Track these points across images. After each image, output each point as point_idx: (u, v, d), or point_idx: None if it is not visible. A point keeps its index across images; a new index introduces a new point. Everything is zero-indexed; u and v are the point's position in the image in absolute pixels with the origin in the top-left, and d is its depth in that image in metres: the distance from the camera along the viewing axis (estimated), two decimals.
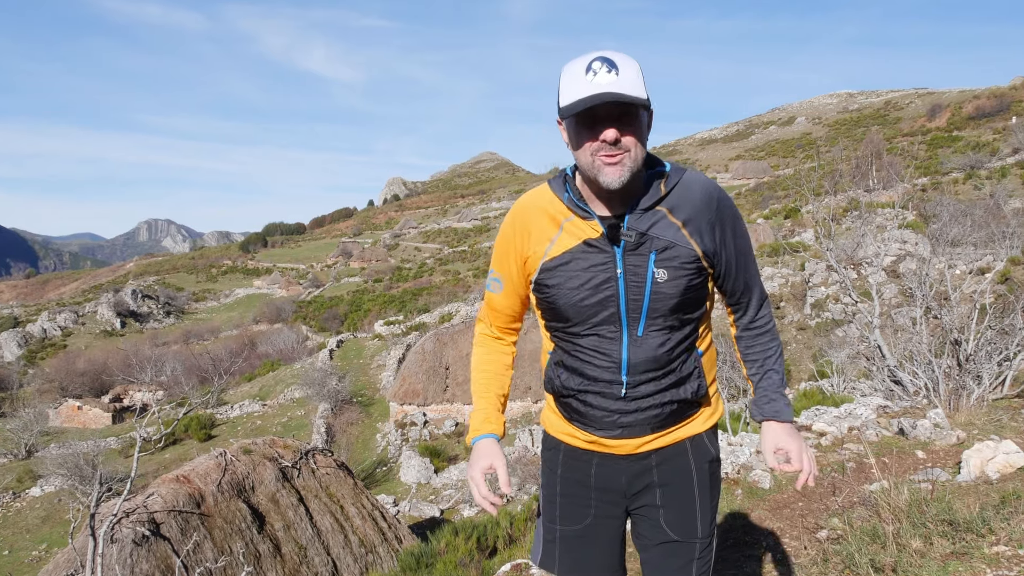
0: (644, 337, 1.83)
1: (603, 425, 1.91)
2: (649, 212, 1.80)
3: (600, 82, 1.65)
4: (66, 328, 62.03)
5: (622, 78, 1.66)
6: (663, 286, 1.79)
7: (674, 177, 1.83)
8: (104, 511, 6.51)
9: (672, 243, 1.79)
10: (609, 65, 1.66)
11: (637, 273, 1.79)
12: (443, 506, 20.01)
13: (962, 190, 38.19)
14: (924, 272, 9.14)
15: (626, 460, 1.95)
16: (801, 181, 31.36)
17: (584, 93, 1.65)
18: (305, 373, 32.44)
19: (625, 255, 1.79)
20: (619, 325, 1.83)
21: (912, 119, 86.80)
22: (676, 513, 1.96)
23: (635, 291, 1.80)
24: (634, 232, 1.78)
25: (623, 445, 1.92)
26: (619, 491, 1.99)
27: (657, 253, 1.78)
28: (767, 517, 4.52)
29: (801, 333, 24.11)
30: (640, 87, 1.68)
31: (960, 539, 3.22)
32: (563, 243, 1.85)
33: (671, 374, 1.87)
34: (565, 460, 2.04)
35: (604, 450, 1.95)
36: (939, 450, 5.54)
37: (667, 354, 1.85)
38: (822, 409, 7.35)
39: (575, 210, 1.83)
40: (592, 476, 2.00)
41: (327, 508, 8.58)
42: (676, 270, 1.79)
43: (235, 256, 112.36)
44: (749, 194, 63.97)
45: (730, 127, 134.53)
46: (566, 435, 2.02)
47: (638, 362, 1.84)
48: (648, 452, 1.93)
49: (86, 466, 21.92)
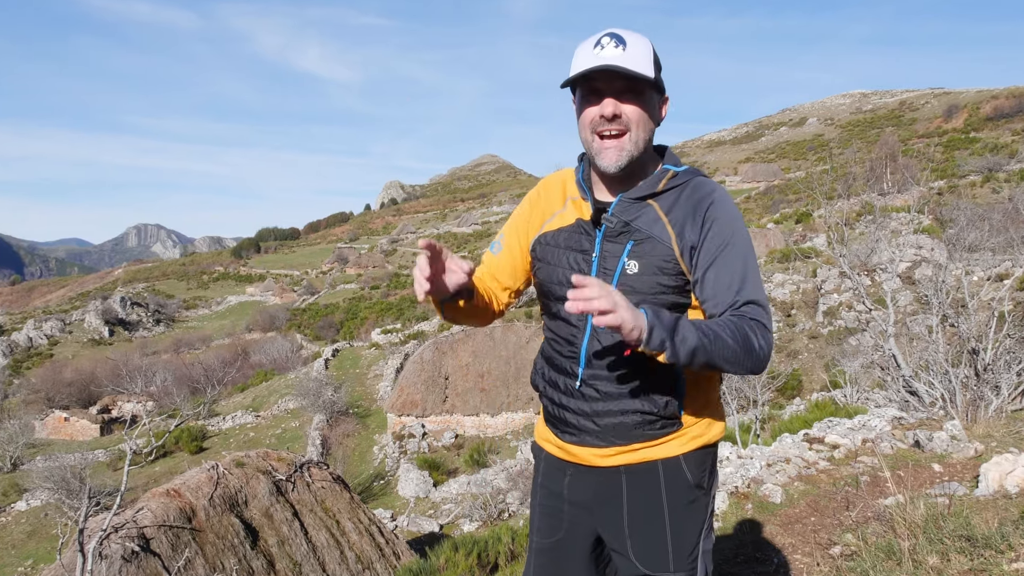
0: (607, 331, 1.76)
1: (566, 427, 1.89)
2: (639, 203, 1.80)
3: (605, 55, 1.69)
4: (53, 337, 62.05)
5: (628, 53, 1.69)
6: (632, 279, 1.76)
7: (682, 177, 1.83)
8: (93, 526, 6.52)
9: (650, 236, 1.77)
10: (617, 40, 1.70)
11: (608, 261, 1.79)
12: (442, 521, 19.98)
13: (980, 193, 38.17)
14: (940, 279, 9.14)
15: (594, 473, 1.90)
16: (813, 184, 31.35)
17: (588, 64, 1.70)
18: (300, 383, 32.45)
19: (604, 241, 1.81)
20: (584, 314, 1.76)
21: (928, 120, 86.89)
22: (644, 543, 1.87)
23: (604, 279, 1.77)
24: (617, 220, 1.79)
25: (587, 455, 1.88)
26: (586, 507, 1.94)
27: (633, 244, 1.77)
28: (778, 532, 4.52)
29: (813, 342, 24.08)
30: (647, 65, 1.71)
31: (978, 555, 3.23)
32: (563, 219, 1.91)
33: (633, 379, 1.78)
34: (545, 468, 2.04)
35: (574, 460, 1.93)
36: (956, 463, 5.53)
37: (630, 356, 1.74)
38: (835, 421, 7.36)
39: (579, 189, 1.91)
40: (565, 487, 1.97)
41: (322, 523, 8.58)
42: (649, 265, 1.76)
43: (227, 262, 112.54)
44: (759, 197, 64.01)
45: (739, 128, 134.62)
46: (546, 441, 2.02)
47: (595, 353, 1.81)
48: (616, 467, 1.86)
49: (73, 479, 21.87)
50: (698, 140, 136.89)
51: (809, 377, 21.64)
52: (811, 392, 18.58)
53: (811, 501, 5.05)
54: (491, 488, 19.23)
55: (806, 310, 26.65)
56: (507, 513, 17.65)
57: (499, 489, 18.95)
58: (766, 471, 5.75)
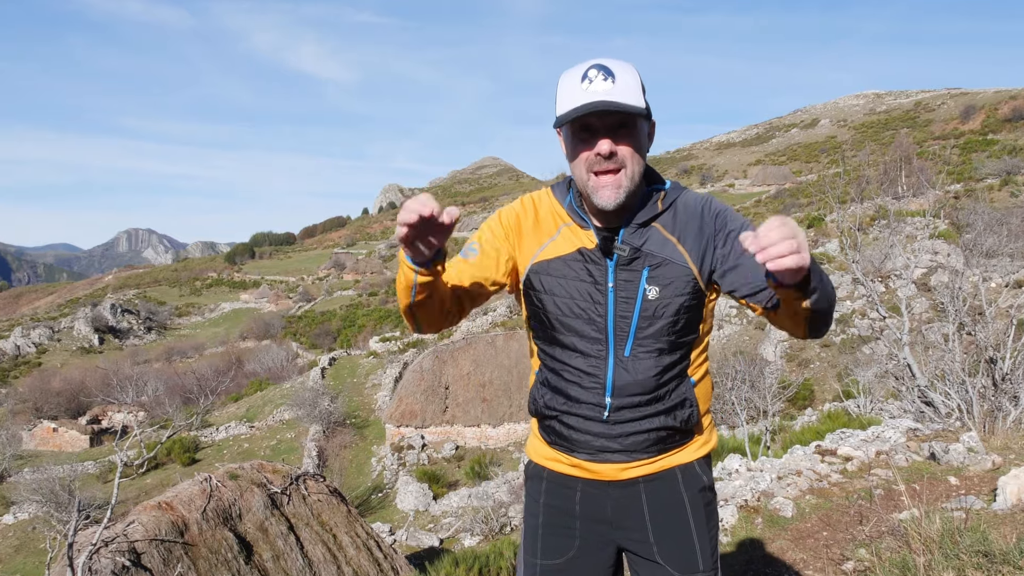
0: (631, 359, 1.84)
1: (585, 449, 1.91)
2: (644, 227, 1.84)
3: (595, 90, 1.69)
4: (41, 345, 62.13)
5: (618, 86, 1.69)
6: (654, 304, 1.81)
7: (672, 194, 1.88)
8: (82, 540, 6.52)
9: (666, 259, 1.81)
10: (605, 73, 1.70)
11: (627, 289, 1.82)
12: (443, 535, 19.95)
13: (998, 197, 38.16)
14: (957, 285, 9.14)
15: (611, 487, 1.94)
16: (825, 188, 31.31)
17: (578, 101, 1.70)
18: (295, 393, 32.46)
19: (617, 269, 1.82)
20: (605, 344, 1.85)
21: (944, 121, 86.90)
22: (672, 546, 1.93)
23: (624, 307, 1.82)
24: (628, 247, 1.81)
25: (606, 470, 1.92)
26: (605, 520, 1.97)
27: (650, 269, 1.81)
28: (789, 548, 4.52)
29: (825, 351, 24.04)
30: (638, 96, 1.71)
31: (996, 572, 3.22)
32: (558, 247, 1.89)
33: (659, 401, 1.87)
34: (549, 487, 2.04)
35: (588, 475, 1.95)
36: (973, 476, 5.53)
37: (655, 379, 1.85)
38: (848, 432, 7.36)
39: (574, 217, 1.89)
40: (577, 503, 1.99)
41: (319, 537, 8.58)
42: (668, 288, 1.81)
43: (221, 268, 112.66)
44: (769, 201, 64.02)
45: (749, 130, 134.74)
46: (550, 460, 2.02)
47: (624, 385, 1.84)
48: (635, 479, 1.93)
49: (62, 492, 21.87)
50: (706, 142, 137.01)
51: (821, 387, 21.61)
52: (823, 403, 18.54)
53: (823, 515, 5.05)
54: (493, 501, 19.20)
55: None
56: (509, 527, 17.61)
57: (501, 502, 18.92)
58: (776, 484, 5.75)
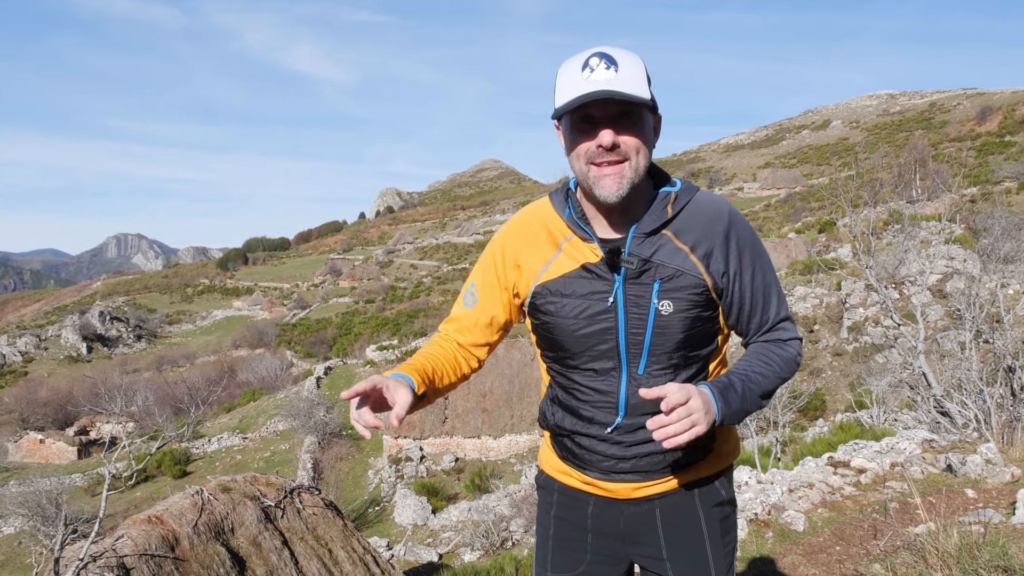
0: (645, 376, 1.80)
1: (598, 468, 1.90)
2: (653, 236, 1.77)
3: (597, 79, 1.63)
4: (27, 353, 62.24)
5: (621, 75, 1.64)
6: (668, 319, 1.76)
7: (683, 197, 1.81)
8: (69, 555, 6.52)
9: (679, 271, 1.76)
10: (608, 61, 1.65)
11: (638, 304, 1.77)
12: (442, 550, 19.92)
13: (1016, 201, 38.16)
14: (974, 292, 9.14)
15: (625, 504, 1.93)
16: (837, 191, 31.31)
17: (579, 91, 1.64)
18: (290, 403, 32.42)
19: (626, 284, 1.77)
20: (618, 361, 1.81)
21: (960, 122, 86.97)
22: (686, 564, 1.92)
23: (636, 324, 1.77)
24: (636, 259, 1.75)
25: (620, 489, 1.91)
26: (617, 536, 1.96)
27: (662, 282, 1.76)
28: (801, 563, 4.51)
29: (837, 359, 24.02)
30: (643, 86, 1.66)
31: None
32: (560, 265, 1.84)
33: None
34: (560, 500, 2.03)
35: (601, 493, 1.94)
36: (991, 489, 5.52)
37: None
38: (861, 443, 7.34)
39: (575, 229, 1.83)
40: (589, 518, 1.98)
41: (314, 552, 8.57)
42: (682, 301, 1.76)
43: (213, 274, 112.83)
44: (779, 205, 64.07)
45: (758, 132, 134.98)
46: (562, 473, 2.01)
47: (638, 403, 1.81)
48: (649, 496, 1.91)
49: (49, 505, 21.88)
50: (715, 144, 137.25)
51: (833, 397, 21.58)
52: (835, 413, 18.52)
53: (836, 529, 5.04)
54: (493, 515, 19.15)
55: (830, 325, 26.60)
56: (511, 541, 17.58)
57: (502, 516, 18.88)
58: (788, 497, 5.74)
